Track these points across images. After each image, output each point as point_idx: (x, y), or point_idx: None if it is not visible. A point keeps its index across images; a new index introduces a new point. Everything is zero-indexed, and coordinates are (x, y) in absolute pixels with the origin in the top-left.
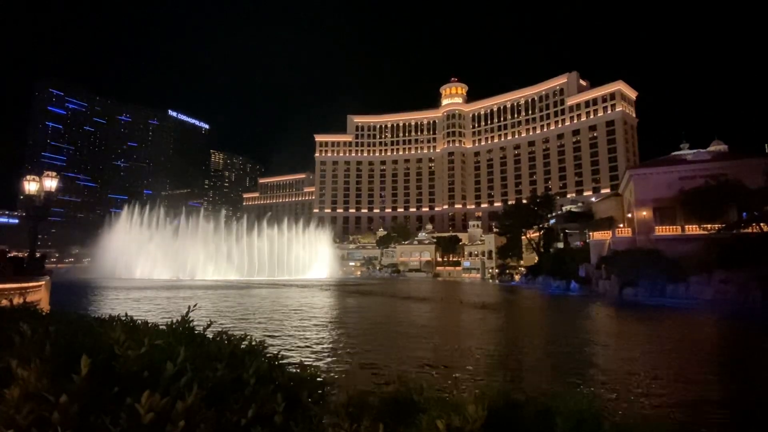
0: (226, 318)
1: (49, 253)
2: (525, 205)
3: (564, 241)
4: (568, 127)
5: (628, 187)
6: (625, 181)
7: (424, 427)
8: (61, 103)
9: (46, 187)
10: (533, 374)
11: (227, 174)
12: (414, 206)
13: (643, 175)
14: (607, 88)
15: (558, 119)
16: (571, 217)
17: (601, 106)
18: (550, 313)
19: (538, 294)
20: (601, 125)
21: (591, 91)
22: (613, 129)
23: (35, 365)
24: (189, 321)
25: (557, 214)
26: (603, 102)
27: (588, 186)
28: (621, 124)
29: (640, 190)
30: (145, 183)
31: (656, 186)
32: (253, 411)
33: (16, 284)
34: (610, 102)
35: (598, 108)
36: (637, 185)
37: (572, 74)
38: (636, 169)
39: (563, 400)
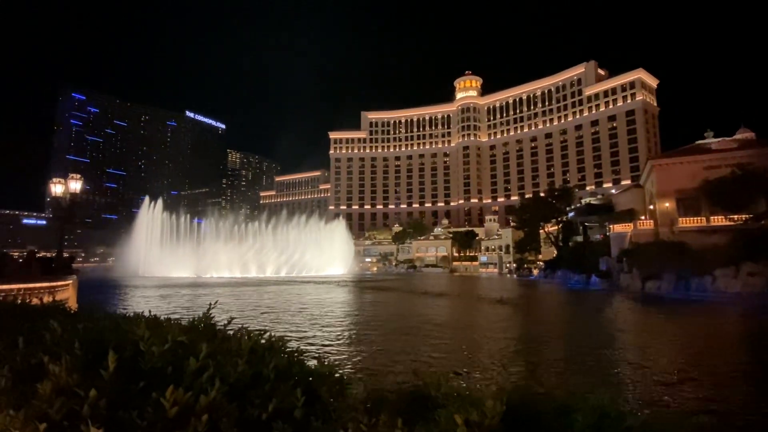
0: (245, 314)
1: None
2: (543, 199)
3: (583, 235)
4: (587, 117)
5: (649, 178)
6: (647, 171)
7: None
8: (83, 107)
9: (71, 189)
10: (553, 370)
11: (244, 173)
12: (429, 201)
13: (666, 165)
14: (626, 77)
15: (576, 110)
16: (591, 209)
17: (621, 96)
18: (570, 308)
19: (558, 288)
20: (620, 115)
21: (610, 81)
22: (633, 119)
23: (65, 361)
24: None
25: (576, 207)
26: (622, 91)
27: (608, 178)
28: (641, 114)
29: (663, 180)
30: (165, 183)
31: (679, 176)
32: (274, 406)
33: (46, 283)
34: (630, 91)
35: (617, 97)
36: (659, 176)
37: (590, 63)
38: (658, 159)
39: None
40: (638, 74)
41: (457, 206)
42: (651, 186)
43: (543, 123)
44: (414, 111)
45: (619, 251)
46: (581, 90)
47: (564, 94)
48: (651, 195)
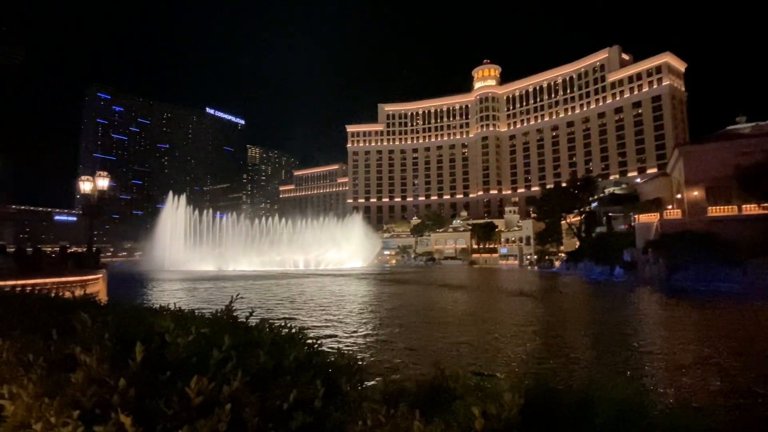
0: (266, 307)
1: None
2: (564, 189)
3: (607, 225)
4: (610, 104)
5: (677, 166)
6: (674, 159)
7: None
8: (108, 107)
9: (98, 186)
10: (575, 363)
11: (264, 168)
12: (448, 193)
13: (695, 152)
14: (652, 61)
15: (599, 97)
16: (615, 199)
17: (647, 81)
18: (593, 300)
19: (580, 280)
20: (646, 101)
21: (635, 66)
22: (659, 105)
23: (96, 352)
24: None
25: (599, 197)
26: (648, 76)
27: (633, 167)
28: (668, 99)
29: (691, 168)
30: (188, 179)
31: (709, 163)
32: (294, 396)
33: (77, 277)
34: (656, 76)
35: (642, 83)
36: (687, 163)
37: (613, 48)
38: (686, 146)
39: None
40: (665, 58)
41: (476, 198)
42: (679, 174)
43: (564, 111)
44: (431, 102)
45: (645, 242)
46: (604, 76)
47: (586, 80)
48: (679, 184)
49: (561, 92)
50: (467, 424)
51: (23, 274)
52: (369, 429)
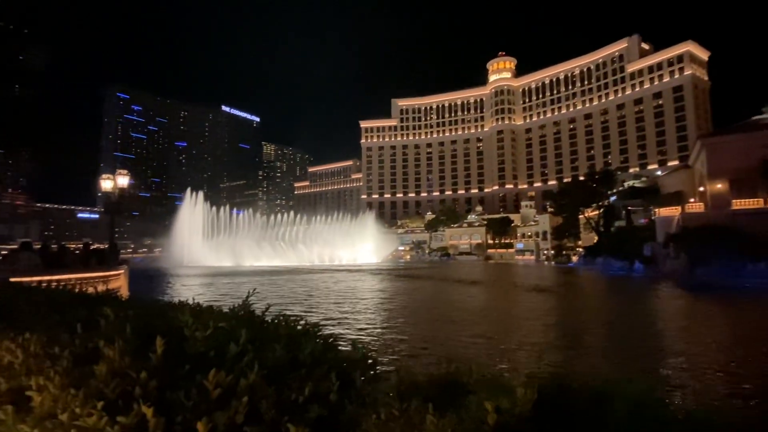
0: (282, 302)
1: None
2: (582, 182)
3: (626, 219)
4: (630, 96)
5: (699, 158)
6: (696, 151)
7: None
8: (127, 106)
9: (119, 184)
10: (592, 359)
11: (279, 164)
12: (462, 188)
13: (719, 143)
14: (673, 50)
15: (618, 88)
16: (634, 193)
17: (668, 71)
18: (612, 296)
19: (599, 276)
20: (667, 92)
21: (655, 55)
22: (681, 95)
23: (118, 345)
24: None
25: (618, 190)
26: (669, 66)
27: (653, 159)
28: (691, 89)
29: (715, 160)
30: (205, 176)
31: (734, 155)
32: (310, 389)
33: (100, 273)
34: (678, 65)
35: (663, 73)
36: (710, 155)
37: (633, 38)
38: (709, 137)
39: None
40: (687, 47)
41: (491, 192)
42: (701, 166)
43: (582, 103)
44: (445, 96)
45: (666, 236)
46: (623, 67)
47: (605, 71)
48: (701, 176)
49: (578, 84)
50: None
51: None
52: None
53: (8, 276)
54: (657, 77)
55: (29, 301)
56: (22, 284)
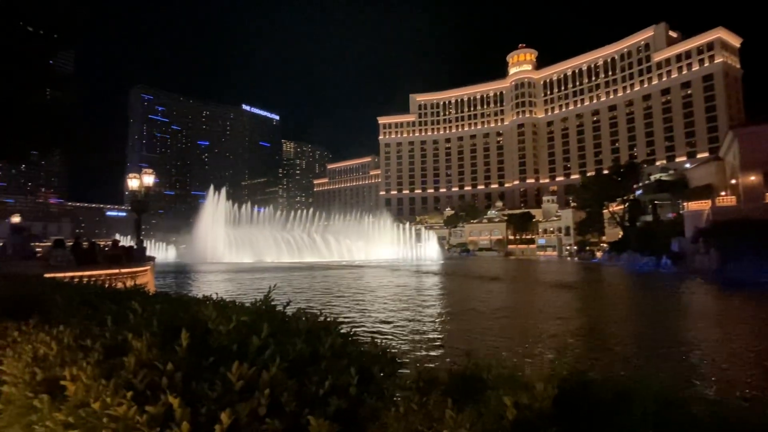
0: (302, 297)
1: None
2: (606, 176)
3: (653, 214)
4: (656, 86)
5: (731, 150)
6: (728, 142)
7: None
8: (152, 107)
9: (144, 183)
10: (616, 357)
11: (298, 162)
12: (482, 183)
13: (752, 133)
14: (703, 38)
15: (643, 78)
16: (661, 186)
17: (697, 59)
18: (638, 292)
19: (624, 272)
20: (696, 81)
21: (683, 43)
22: (711, 84)
23: (146, 338)
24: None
25: (644, 184)
26: (698, 54)
27: (681, 151)
28: (722, 78)
29: (748, 151)
30: (227, 174)
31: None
32: (330, 383)
33: (128, 269)
34: (708, 53)
35: (692, 61)
36: (743, 146)
37: (659, 26)
38: (742, 127)
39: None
40: (717, 33)
41: (512, 187)
42: (733, 158)
43: (606, 95)
44: (464, 90)
45: (695, 231)
46: (650, 56)
47: (630, 61)
48: (733, 168)
49: (602, 75)
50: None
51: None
52: (402, 416)
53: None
54: (686, 66)
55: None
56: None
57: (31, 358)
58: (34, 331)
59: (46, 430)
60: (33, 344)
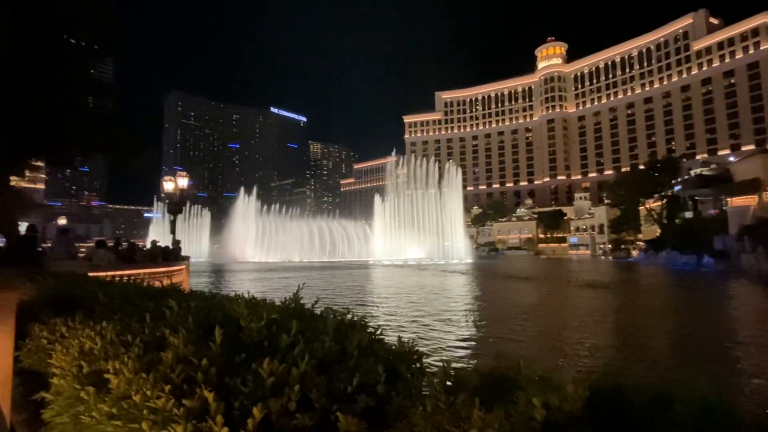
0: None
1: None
2: (642, 172)
3: (693, 210)
4: (696, 76)
5: None
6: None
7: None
8: (185, 111)
9: (179, 185)
10: (655, 361)
11: (325, 162)
12: (510, 181)
13: None
14: (747, 23)
15: (682, 68)
16: (702, 181)
17: (740, 46)
18: (679, 292)
19: (662, 271)
20: (740, 69)
21: (725, 30)
22: (757, 72)
23: (182, 334)
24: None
25: (684, 179)
26: (743, 41)
27: (724, 144)
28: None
29: None
30: (257, 176)
31: None
32: (357, 380)
33: (164, 268)
34: (753, 39)
35: (735, 49)
36: None
37: (699, 13)
38: None
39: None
40: (763, 18)
41: (542, 184)
42: None
43: (641, 87)
44: (491, 86)
45: (740, 227)
46: (688, 45)
47: (666, 51)
48: None
49: (637, 66)
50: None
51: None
52: (429, 415)
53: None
54: (728, 54)
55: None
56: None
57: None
58: (80, 326)
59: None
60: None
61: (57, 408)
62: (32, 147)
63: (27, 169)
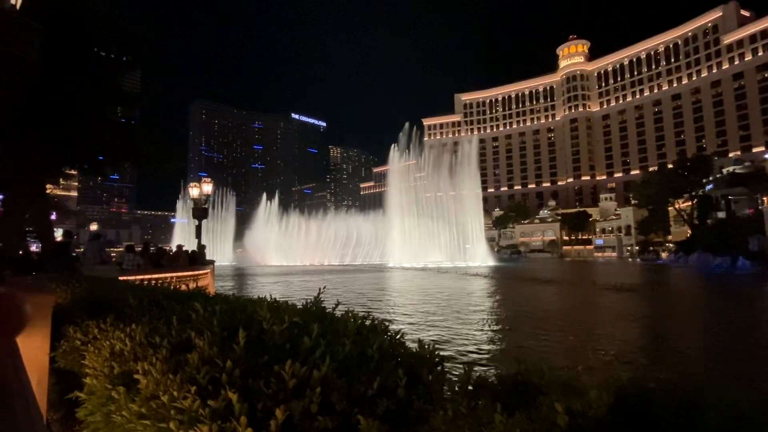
0: (350, 298)
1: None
2: (671, 171)
3: (726, 210)
4: (727, 71)
5: None
6: None
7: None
8: (209, 119)
9: (204, 191)
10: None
11: (345, 167)
12: (533, 182)
13: None
14: None
15: (712, 63)
16: (736, 180)
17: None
18: (712, 296)
19: (694, 274)
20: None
21: (758, 22)
22: None
23: (207, 336)
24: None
25: (716, 177)
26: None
27: (758, 140)
28: None
29: None
30: (279, 181)
31: None
32: (378, 383)
33: (190, 272)
34: None
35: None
36: None
37: (729, 5)
38: None
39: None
40: None
41: (565, 185)
42: None
43: (668, 83)
44: (511, 87)
45: None
46: (718, 39)
47: (695, 46)
48: None
49: (664, 62)
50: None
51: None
52: (450, 419)
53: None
54: (761, 47)
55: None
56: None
57: (109, 353)
58: (111, 329)
59: (123, 419)
60: (110, 341)
61: (90, 407)
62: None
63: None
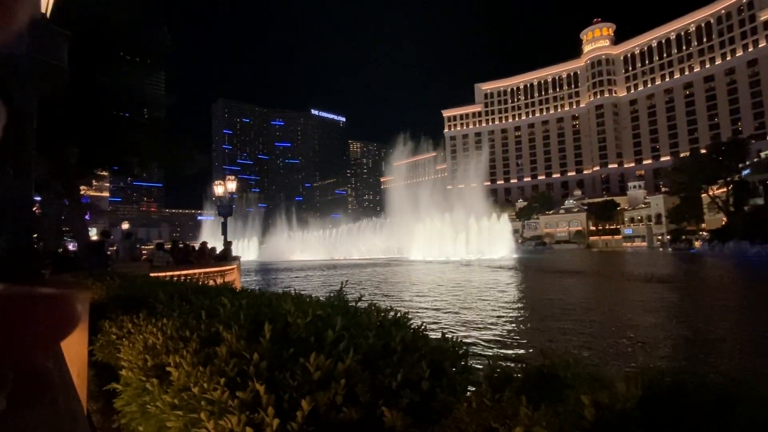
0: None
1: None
2: (705, 156)
3: (764, 196)
4: (764, 49)
5: None
6: None
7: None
8: (232, 118)
9: (229, 189)
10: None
11: (365, 161)
12: (557, 172)
13: None
14: None
15: (747, 42)
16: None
17: None
18: (750, 288)
19: (730, 264)
20: None
21: None
22: None
23: (234, 330)
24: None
25: (753, 162)
26: None
27: None
28: None
29: None
30: (300, 177)
31: None
32: (402, 376)
33: (217, 268)
34: None
35: None
36: None
37: None
38: None
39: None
40: None
41: (591, 174)
42: None
43: (700, 65)
44: (533, 74)
45: None
46: (754, 15)
47: (729, 24)
48: None
49: (695, 43)
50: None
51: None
52: (474, 411)
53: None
54: None
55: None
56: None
57: (143, 346)
58: (144, 323)
59: (157, 409)
60: (143, 335)
61: (126, 398)
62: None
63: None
